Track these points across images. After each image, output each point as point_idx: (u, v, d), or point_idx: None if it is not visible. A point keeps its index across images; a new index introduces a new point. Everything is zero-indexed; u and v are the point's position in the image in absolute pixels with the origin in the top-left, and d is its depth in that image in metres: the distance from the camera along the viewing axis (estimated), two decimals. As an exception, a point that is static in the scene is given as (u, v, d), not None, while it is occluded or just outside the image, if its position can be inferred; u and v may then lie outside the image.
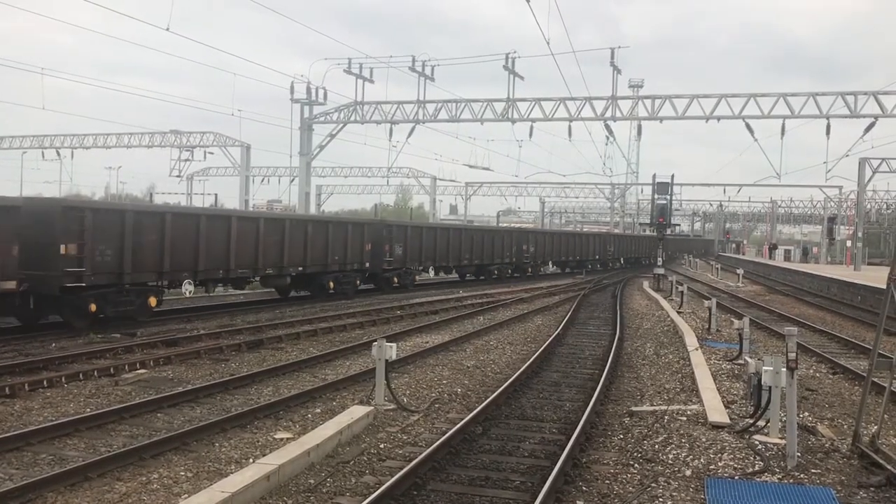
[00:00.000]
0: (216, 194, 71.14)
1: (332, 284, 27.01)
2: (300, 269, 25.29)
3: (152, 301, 19.43)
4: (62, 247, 16.96)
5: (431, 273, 36.95)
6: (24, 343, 15.78)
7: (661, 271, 39.60)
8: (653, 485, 8.12)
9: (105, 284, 18.14)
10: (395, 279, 31.52)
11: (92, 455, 8.65)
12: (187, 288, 20.70)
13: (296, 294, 27.25)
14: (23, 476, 7.89)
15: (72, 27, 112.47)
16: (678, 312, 25.14)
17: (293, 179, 59.30)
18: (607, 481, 8.21)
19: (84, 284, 17.37)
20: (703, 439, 9.84)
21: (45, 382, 12.20)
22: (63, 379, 12.53)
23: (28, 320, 17.91)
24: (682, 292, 28.78)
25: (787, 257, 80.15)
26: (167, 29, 26.68)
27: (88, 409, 10.79)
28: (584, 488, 7.99)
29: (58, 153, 64.21)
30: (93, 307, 17.67)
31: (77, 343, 16.27)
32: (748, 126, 36.78)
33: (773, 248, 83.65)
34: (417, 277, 34.32)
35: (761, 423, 10.15)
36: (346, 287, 27.86)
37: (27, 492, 7.28)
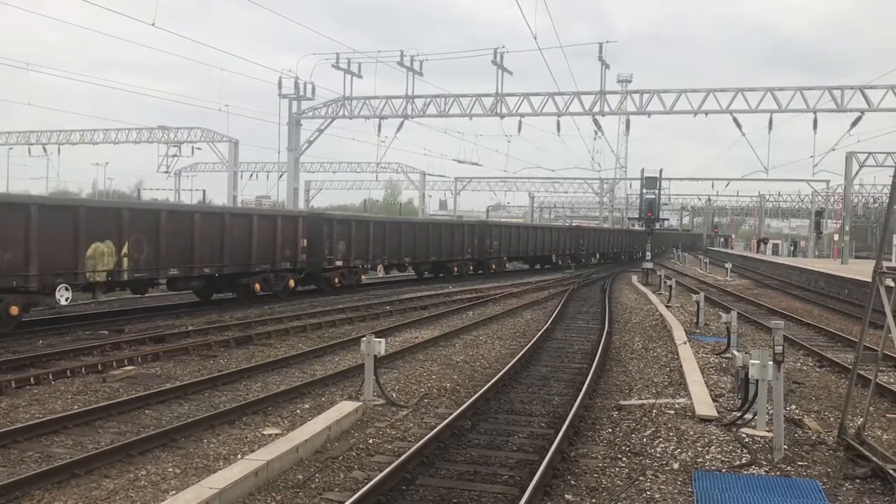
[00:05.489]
0: (204, 190, 71.01)
1: (258, 286, 24.21)
2: (216, 268, 22.34)
3: (13, 310, 16.41)
4: None
5: (381, 272, 34.31)
6: (11, 340, 15.70)
7: (649, 266, 39.74)
8: (641, 478, 8.16)
9: None
10: (337, 279, 28.69)
11: (79, 452, 8.60)
12: (62, 294, 17.54)
13: (218, 296, 24.69)
14: (9, 474, 7.84)
15: (58, 23, 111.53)
16: (666, 307, 25.23)
17: (281, 175, 59.19)
18: (595, 475, 8.24)
19: None
20: (691, 433, 9.89)
21: (32, 379, 12.14)
22: (50, 376, 12.47)
23: None
24: (670, 287, 28.88)
25: (775, 251, 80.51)
26: (153, 24, 26.69)
27: (76, 406, 10.75)
28: (572, 482, 8.01)
29: (44, 149, 63.91)
30: None
31: (64, 340, 16.20)
32: (736, 120, 36.93)
33: (761, 241, 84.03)
34: (364, 277, 31.85)
35: (748, 416, 10.21)
36: (276, 289, 25.20)
37: (13, 489, 7.24)
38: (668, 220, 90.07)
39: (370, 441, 9.35)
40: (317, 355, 15.24)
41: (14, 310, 16.53)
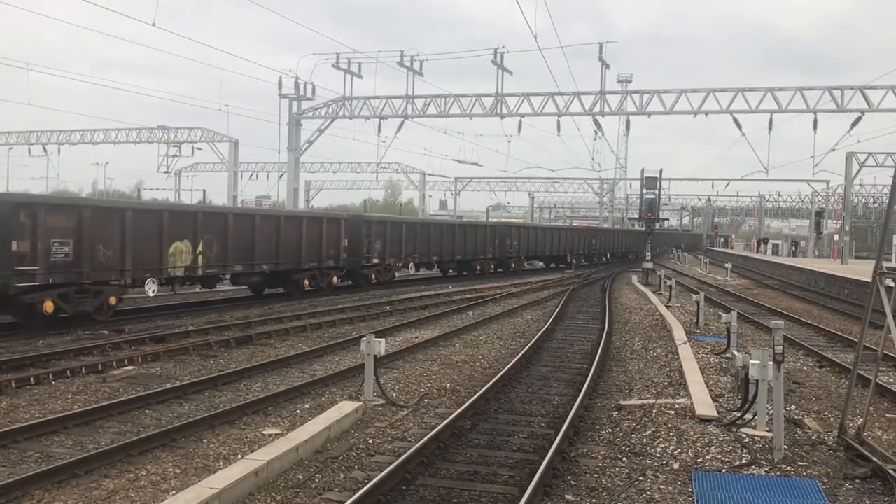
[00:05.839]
0: (204, 190, 70.94)
1: (307, 282, 26.24)
2: (272, 265, 24.44)
3: (112, 300, 18.74)
4: (13, 244, 16.30)
5: (412, 269, 36.23)
6: (11, 340, 15.70)
7: (649, 266, 39.73)
8: (641, 478, 8.16)
9: (62, 284, 17.37)
10: (374, 276, 30.79)
11: (79, 452, 8.60)
12: (150, 287, 19.83)
13: (270, 292, 26.37)
14: (9, 473, 7.84)
15: (58, 22, 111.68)
16: (666, 307, 25.23)
17: (281, 175, 59.16)
18: (595, 475, 8.24)
19: (38, 283, 16.74)
20: (691, 433, 9.89)
21: (32, 379, 12.13)
22: (50, 376, 12.47)
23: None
24: (670, 287, 28.87)
25: (775, 251, 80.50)
26: (153, 24, 26.69)
27: (76, 406, 10.75)
28: (572, 482, 8.01)
29: (44, 149, 63.88)
30: (49, 307, 16.87)
31: (64, 340, 16.19)
32: (736, 121, 36.94)
33: (761, 242, 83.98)
34: (397, 274, 33.88)
35: (748, 416, 10.21)
36: (321, 284, 27.12)
37: (14, 489, 7.23)
38: (668, 220, 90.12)
39: (370, 441, 9.34)
40: (317, 355, 15.24)
41: (112, 300, 18.79)
